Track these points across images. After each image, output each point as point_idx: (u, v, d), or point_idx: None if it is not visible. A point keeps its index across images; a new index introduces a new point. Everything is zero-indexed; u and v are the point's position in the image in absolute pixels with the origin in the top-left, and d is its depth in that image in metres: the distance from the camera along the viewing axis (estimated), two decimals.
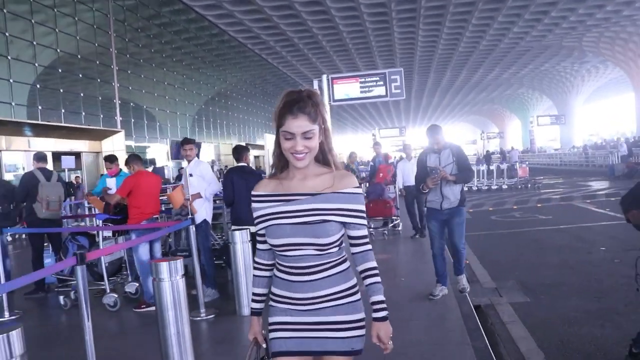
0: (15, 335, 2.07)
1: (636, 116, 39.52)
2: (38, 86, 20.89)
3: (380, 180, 10.31)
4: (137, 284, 6.14)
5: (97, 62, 23.79)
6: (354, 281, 1.92)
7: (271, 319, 1.94)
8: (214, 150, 34.62)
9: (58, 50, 21.58)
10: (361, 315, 1.90)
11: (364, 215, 1.89)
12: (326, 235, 1.81)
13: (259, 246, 2.00)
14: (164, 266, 3.61)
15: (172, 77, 30.55)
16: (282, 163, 1.90)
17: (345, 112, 63.69)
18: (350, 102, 16.76)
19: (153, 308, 5.54)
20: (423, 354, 3.95)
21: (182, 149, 6.01)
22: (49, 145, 20.89)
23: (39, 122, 20.37)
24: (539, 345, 4.28)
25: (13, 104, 19.61)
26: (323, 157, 1.89)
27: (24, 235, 12.84)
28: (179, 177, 16.48)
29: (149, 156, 27.41)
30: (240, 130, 41.10)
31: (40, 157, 7.16)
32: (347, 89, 13.66)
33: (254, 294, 2.02)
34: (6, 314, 5.80)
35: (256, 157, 38.06)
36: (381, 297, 1.89)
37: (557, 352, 4.11)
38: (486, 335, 4.27)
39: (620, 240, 8.33)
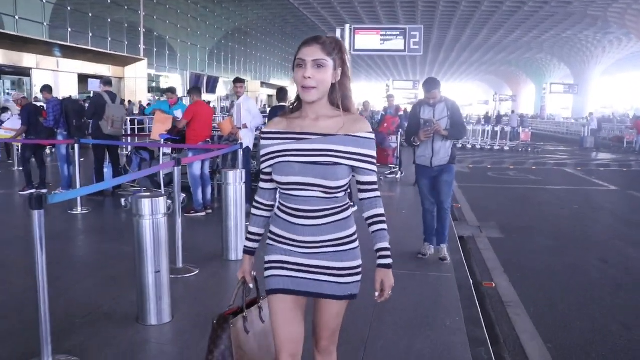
0: None
1: None
2: (69, 8, 21.88)
3: (383, 130, 11.57)
4: (184, 195, 7.58)
5: None
6: (354, 228, 1.94)
7: (268, 257, 1.94)
8: (226, 86, 35.59)
9: None
10: (359, 262, 1.93)
11: (375, 161, 1.90)
12: (335, 178, 1.82)
13: (261, 185, 1.99)
14: (145, 203, 3.62)
15: (195, 10, 31.34)
16: (296, 102, 1.92)
17: (363, 60, 64.07)
18: (370, 53, 17.78)
19: (202, 214, 7.08)
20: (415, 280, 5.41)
21: (234, 86, 7.34)
22: (76, 67, 22.14)
23: (68, 43, 21.50)
24: (503, 265, 5.74)
25: (45, 24, 20.69)
26: (340, 100, 1.88)
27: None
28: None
29: (167, 85, 28.61)
30: (256, 67, 41.98)
31: (106, 81, 8.47)
32: (368, 40, 14.23)
33: (249, 233, 2.04)
34: (79, 208, 7.27)
35: (270, 97, 39.18)
36: (388, 245, 1.93)
37: (516, 271, 5.55)
38: (465, 258, 5.73)
39: (593, 202, 9.83)
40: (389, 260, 1.90)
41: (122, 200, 7.44)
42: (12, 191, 8.93)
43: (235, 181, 5.10)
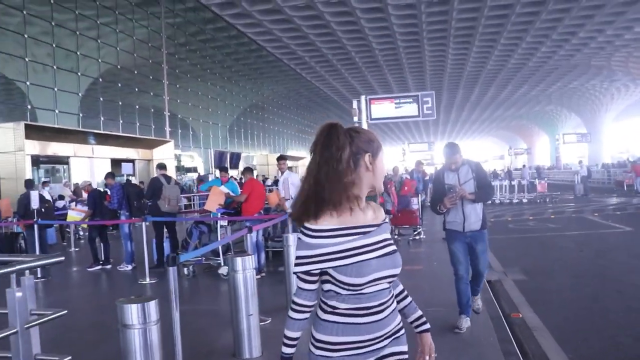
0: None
1: None
2: (101, 99, 23.78)
3: (405, 192, 12.61)
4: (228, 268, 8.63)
5: (151, 77, 26.65)
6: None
7: None
8: (244, 161, 37.14)
9: (118, 67, 24.47)
10: (407, 347, 1.95)
11: None
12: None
13: (305, 286, 1.85)
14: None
15: (215, 91, 33.47)
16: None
17: (378, 127, 66.17)
18: (386, 120, 19.02)
19: (257, 277, 8.09)
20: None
21: (277, 163, 8.54)
22: (108, 152, 23.75)
23: (101, 131, 23.21)
24: (528, 302, 6.63)
25: (80, 115, 22.50)
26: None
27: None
28: (275, 183, 19.90)
29: (193, 164, 30.28)
30: (274, 141, 43.82)
31: (162, 166, 9.73)
32: (383, 108, 15.26)
33: (289, 338, 1.91)
34: (147, 278, 8.33)
35: (289, 168, 40.66)
36: (422, 312, 2.04)
37: (540, 304, 6.43)
38: (493, 296, 6.64)
39: (610, 243, 10.68)
40: (428, 325, 2.04)
41: (185, 269, 8.49)
42: (80, 268, 10.02)
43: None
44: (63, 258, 3.33)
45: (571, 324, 5.66)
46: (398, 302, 1.98)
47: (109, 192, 10.16)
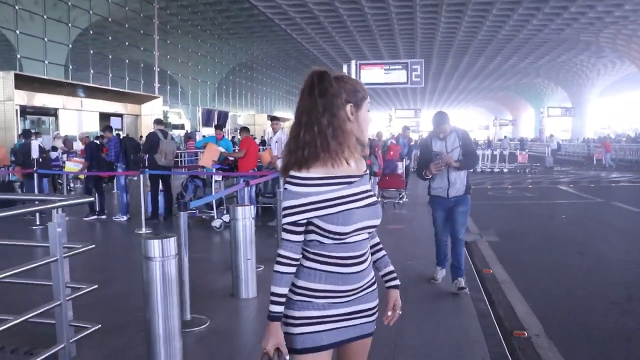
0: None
1: None
2: (91, 52, 23.78)
3: (391, 157, 13.08)
4: (221, 221, 9.05)
5: (142, 32, 26.61)
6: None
7: (301, 313, 1.82)
8: (231, 120, 37.37)
9: (110, 20, 24.39)
10: (377, 301, 1.96)
11: None
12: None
13: (292, 237, 1.79)
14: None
15: (205, 48, 33.44)
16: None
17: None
18: (374, 86, 19.37)
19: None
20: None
21: (272, 123, 9.00)
22: (97, 106, 23.90)
23: (90, 84, 23.31)
24: (499, 260, 7.25)
25: (70, 67, 22.54)
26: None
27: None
28: (262, 143, 20.10)
29: (180, 121, 30.49)
30: (262, 101, 43.97)
31: (159, 121, 10.11)
32: (373, 74, 15.55)
33: (277, 295, 1.80)
34: (143, 229, 8.81)
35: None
36: (393, 268, 2.05)
37: (509, 264, 7.05)
38: (469, 257, 7.25)
39: (579, 212, 11.43)
40: (398, 282, 2.04)
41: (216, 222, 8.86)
42: (77, 217, 10.47)
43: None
44: (93, 199, 3.80)
45: (535, 279, 6.30)
46: (372, 254, 2.00)
47: (105, 145, 10.53)
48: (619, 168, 26.31)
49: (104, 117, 24.14)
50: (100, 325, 3.72)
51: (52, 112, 22.09)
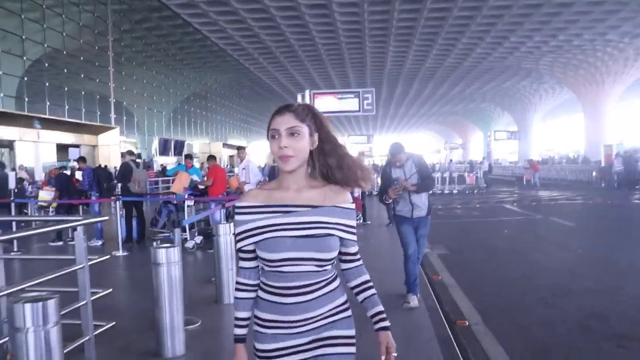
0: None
1: (585, 135, 44.70)
2: (47, 84, 24.13)
3: None
4: (194, 242, 9.81)
5: (97, 64, 27.13)
6: (345, 297, 1.94)
7: (260, 346, 1.86)
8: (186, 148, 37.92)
9: (64, 52, 24.84)
10: (353, 331, 1.93)
11: (355, 231, 1.93)
12: (329, 250, 1.82)
13: (242, 264, 1.92)
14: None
15: (159, 79, 34.06)
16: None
17: None
18: (328, 114, 20.27)
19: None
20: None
21: (238, 152, 9.86)
22: (54, 137, 24.20)
23: (47, 116, 23.62)
24: (447, 269, 8.26)
25: (26, 99, 22.84)
26: (319, 169, 1.90)
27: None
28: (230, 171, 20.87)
29: (137, 151, 30.87)
30: (215, 129, 44.67)
31: (130, 152, 10.83)
32: (326, 102, 16.19)
33: (237, 319, 1.92)
34: (120, 251, 9.46)
35: (231, 157, 41.83)
36: (382, 308, 1.96)
37: (456, 272, 8.05)
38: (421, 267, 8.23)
39: (519, 227, 12.73)
40: (388, 323, 1.95)
41: (154, 243, 9.62)
42: (44, 244, 10.96)
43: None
44: (107, 217, 4.60)
45: (478, 283, 7.31)
46: (357, 294, 1.98)
47: (75, 176, 11.15)
48: (549, 187, 28.30)
49: (61, 148, 24.44)
50: (114, 323, 4.48)
51: (9, 145, 22.28)
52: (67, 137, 24.91)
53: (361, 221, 13.23)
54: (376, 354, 1.93)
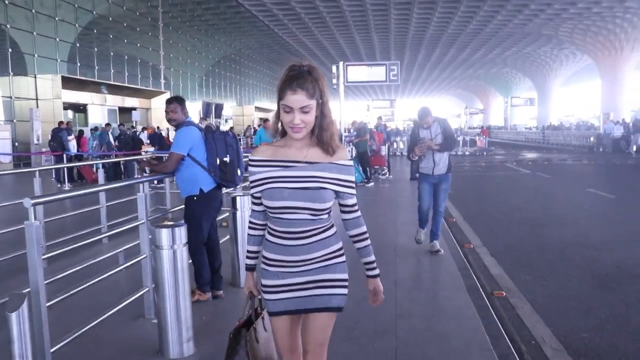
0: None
1: (602, 101, 47.65)
2: (112, 53, 28.84)
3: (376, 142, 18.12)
4: None
5: (149, 34, 31.77)
6: (340, 244, 2.28)
7: (265, 282, 2.26)
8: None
9: (124, 24, 29.46)
10: (346, 275, 2.28)
11: (354, 185, 2.26)
12: (322, 201, 2.15)
13: (254, 207, 2.32)
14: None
15: (192, 44, 38.57)
16: (280, 131, 2.22)
17: (348, 88, 71.04)
18: (359, 84, 24.04)
19: None
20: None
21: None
22: (117, 101, 29.04)
23: (111, 82, 28.38)
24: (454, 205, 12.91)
25: (96, 67, 27.60)
26: (319, 133, 2.18)
27: None
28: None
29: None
30: (247, 93, 49.20)
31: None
32: (357, 73, 19.03)
33: (249, 251, 2.38)
34: None
35: (261, 119, 46.12)
36: (374, 258, 2.34)
37: (463, 215, 12.68)
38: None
39: (514, 180, 17.60)
40: (377, 271, 2.35)
41: None
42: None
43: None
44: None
45: (505, 245, 8.87)
46: (354, 243, 2.35)
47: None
48: (551, 151, 32.78)
49: (123, 111, 29.26)
50: None
51: (83, 108, 27.15)
52: (127, 101, 29.73)
53: (387, 176, 17.53)
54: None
